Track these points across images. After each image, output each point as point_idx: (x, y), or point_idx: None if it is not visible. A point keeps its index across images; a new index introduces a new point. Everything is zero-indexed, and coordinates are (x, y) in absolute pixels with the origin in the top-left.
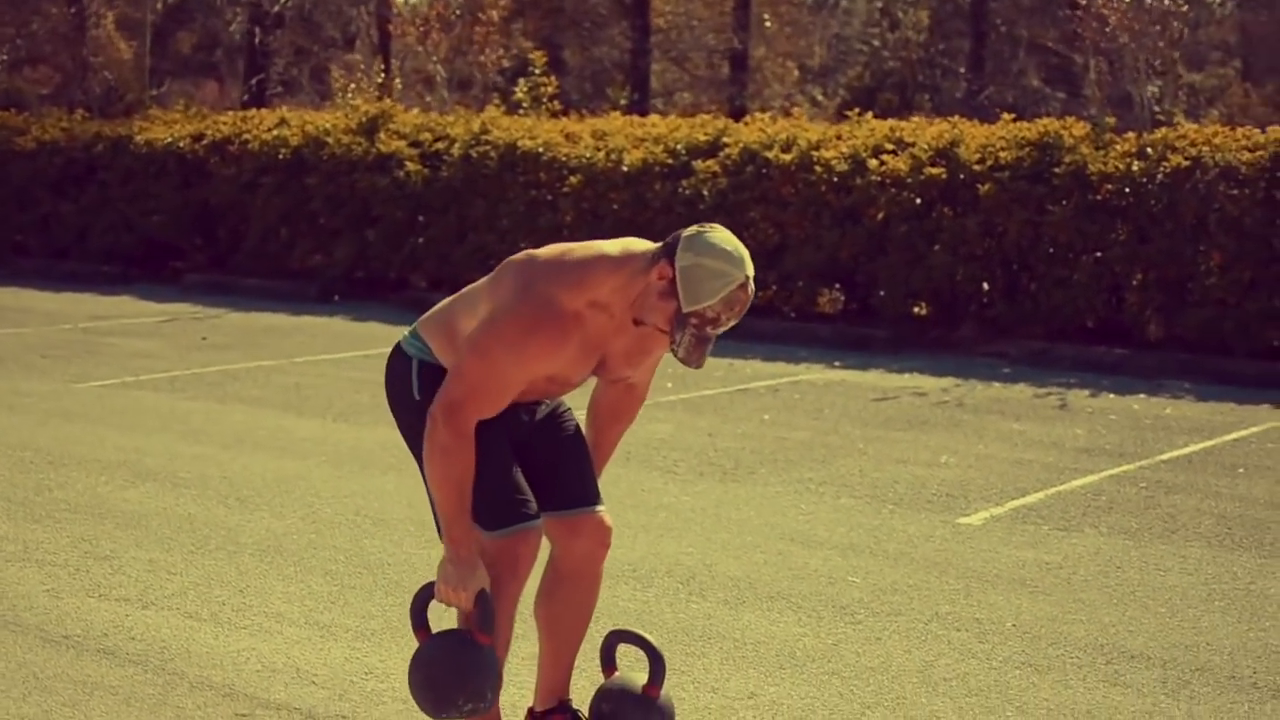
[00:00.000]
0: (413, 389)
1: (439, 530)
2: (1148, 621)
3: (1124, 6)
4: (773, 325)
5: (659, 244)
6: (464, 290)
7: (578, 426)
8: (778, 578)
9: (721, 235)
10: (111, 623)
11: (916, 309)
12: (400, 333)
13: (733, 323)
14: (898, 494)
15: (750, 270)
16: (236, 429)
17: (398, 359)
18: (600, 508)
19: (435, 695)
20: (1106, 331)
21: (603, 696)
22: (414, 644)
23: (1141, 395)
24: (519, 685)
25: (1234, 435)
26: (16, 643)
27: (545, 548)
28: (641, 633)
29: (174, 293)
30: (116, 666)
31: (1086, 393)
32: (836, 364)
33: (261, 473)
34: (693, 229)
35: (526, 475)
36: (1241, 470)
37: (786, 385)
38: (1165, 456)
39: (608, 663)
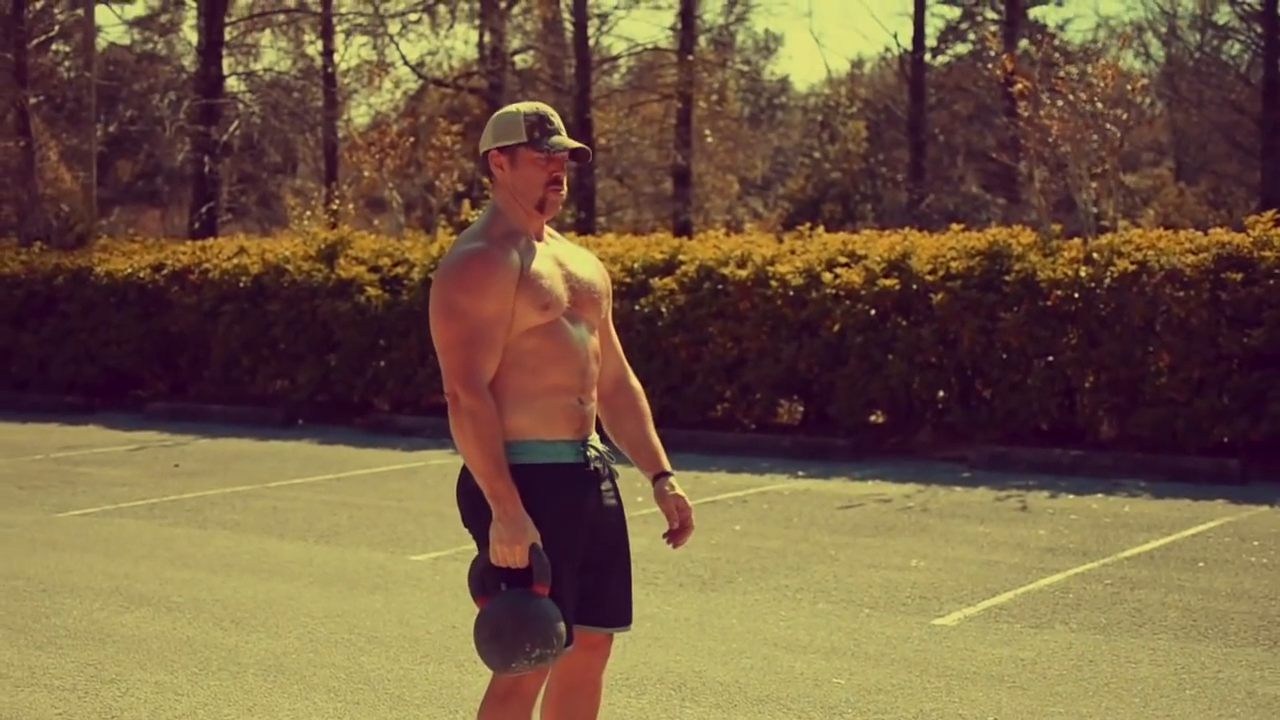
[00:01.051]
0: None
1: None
2: (1123, 712)
3: (1065, 116)
4: (734, 438)
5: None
6: None
7: (628, 548)
8: (765, 682)
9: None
10: None
11: (874, 417)
12: (368, 455)
13: (555, 118)
14: (873, 598)
15: (527, 104)
16: (222, 553)
17: (466, 477)
18: (618, 631)
19: (503, 646)
20: (1061, 433)
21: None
22: None
23: (1099, 494)
24: None
25: (1192, 530)
26: None
27: None
28: None
29: (139, 421)
30: None
31: (1046, 494)
32: (800, 473)
33: (253, 595)
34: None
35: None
36: (1201, 564)
37: (754, 496)
38: (1127, 553)
39: None
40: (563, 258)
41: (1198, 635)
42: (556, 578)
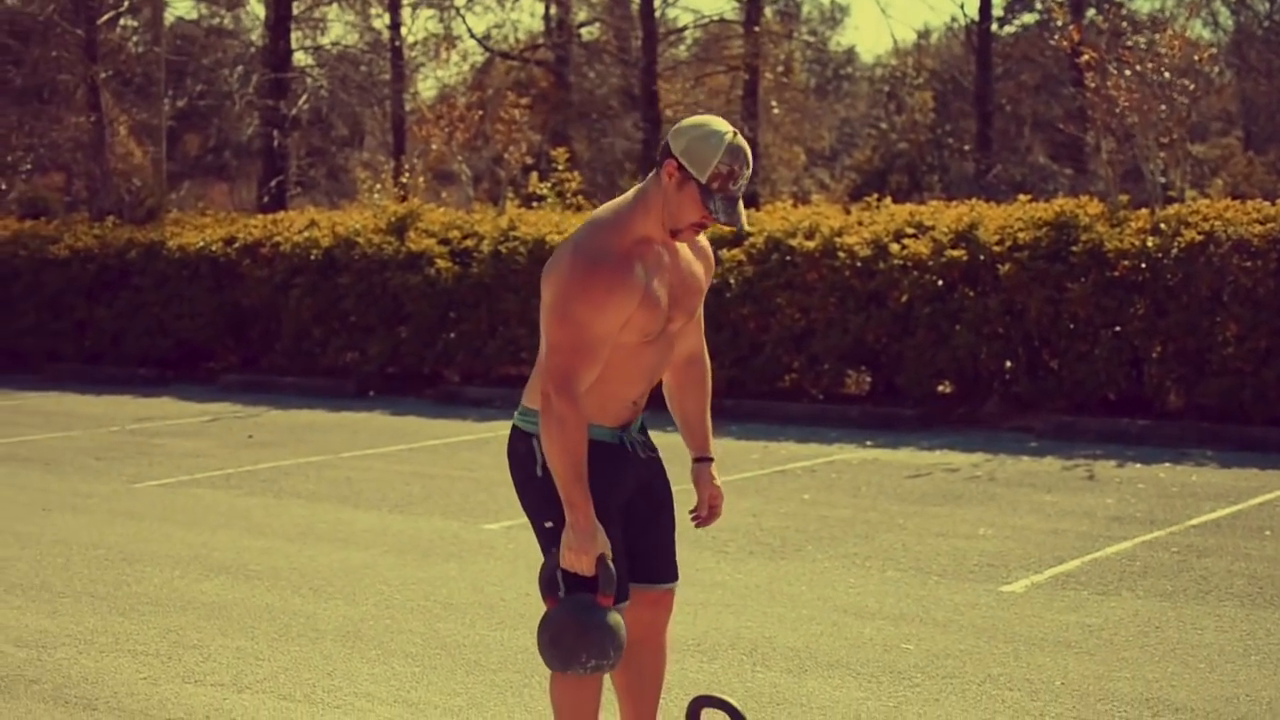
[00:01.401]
0: (536, 466)
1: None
2: (1189, 677)
3: (1132, 87)
4: (802, 408)
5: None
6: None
7: (671, 499)
8: (835, 647)
9: (694, 117)
10: (211, 706)
11: (941, 387)
12: (439, 425)
13: (747, 173)
14: (941, 565)
15: (729, 126)
16: (297, 522)
17: (518, 440)
18: (674, 585)
19: (561, 652)
20: (1128, 403)
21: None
22: (505, 717)
23: (1166, 464)
24: None
25: (1259, 500)
26: None
27: None
28: (724, 696)
29: (212, 393)
30: None
31: (1113, 463)
32: (868, 443)
33: (329, 563)
34: (670, 131)
35: (625, 536)
36: (1268, 533)
37: (822, 465)
38: (1194, 522)
39: None
40: (679, 263)
41: (1264, 603)
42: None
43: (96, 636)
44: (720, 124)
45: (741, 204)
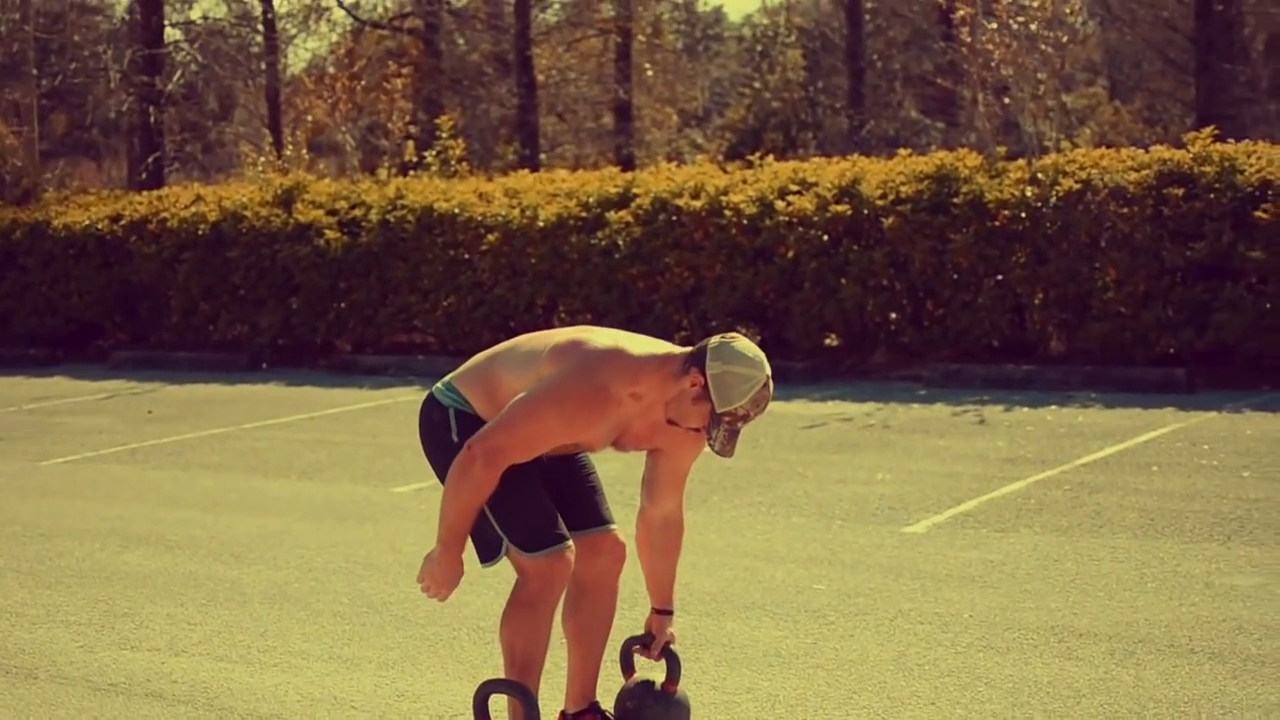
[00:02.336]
0: (451, 433)
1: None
2: (1089, 604)
3: (1005, 40)
4: None
5: (688, 349)
6: (498, 351)
7: (588, 458)
8: (750, 590)
9: (743, 344)
10: (150, 669)
11: (830, 340)
12: (337, 394)
13: (757, 416)
14: (843, 510)
15: (769, 370)
16: (209, 493)
17: (434, 408)
18: (614, 527)
19: None
20: (1012, 350)
21: (626, 695)
22: (438, 669)
23: (1053, 407)
24: (552, 691)
25: (1144, 437)
26: (70, 694)
27: None
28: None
29: (104, 370)
30: (169, 706)
31: (1001, 408)
32: None
33: (246, 530)
34: (717, 339)
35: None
36: (1155, 468)
37: None
38: (1083, 460)
39: (627, 666)
40: (649, 423)
41: (1155, 533)
42: (533, 496)
43: (26, 609)
44: (759, 368)
45: (739, 437)
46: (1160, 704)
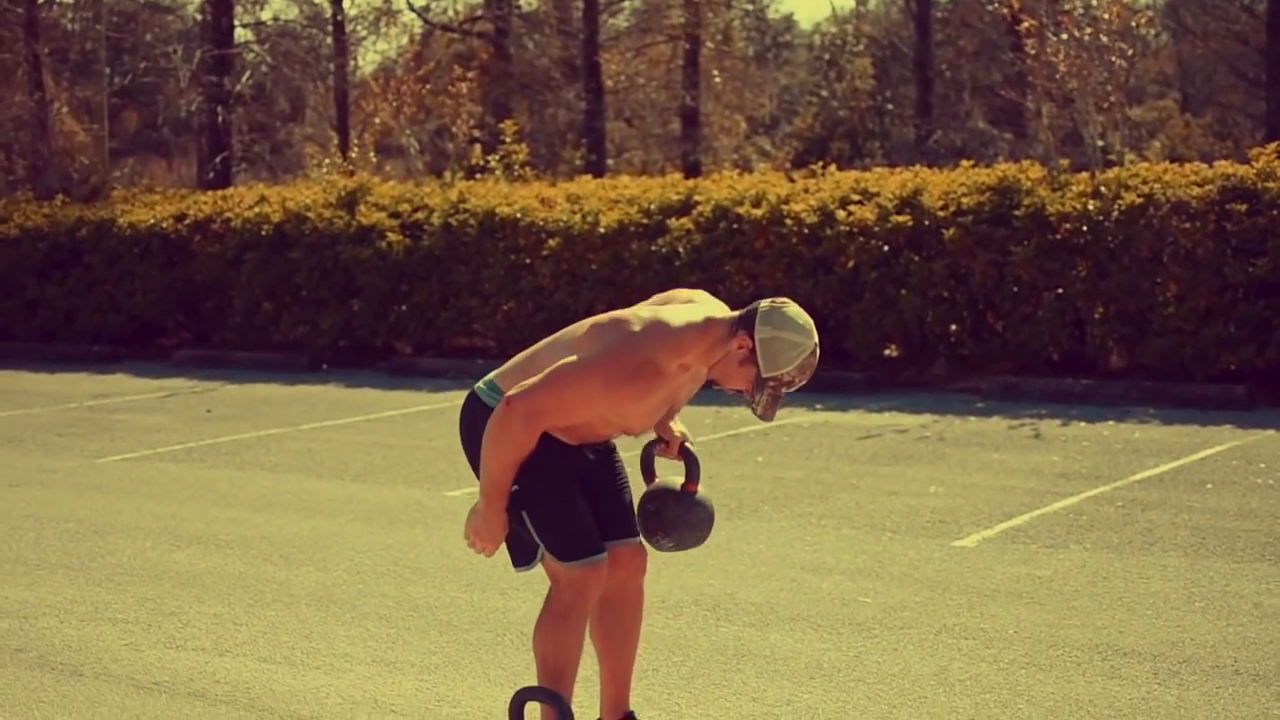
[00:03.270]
0: None
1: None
2: (1136, 623)
3: (1071, 51)
4: None
5: (736, 313)
6: (537, 347)
7: (623, 467)
8: (795, 601)
9: (794, 310)
10: (195, 669)
11: (889, 351)
12: (395, 397)
13: (802, 383)
14: (894, 522)
15: (817, 338)
16: (263, 493)
17: (477, 408)
18: (637, 540)
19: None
20: (1072, 364)
21: (647, 499)
22: (480, 674)
23: (1110, 422)
24: (583, 706)
25: (1200, 455)
26: (113, 691)
27: None
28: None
29: (166, 369)
30: (210, 706)
31: (1058, 422)
32: (818, 406)
33: (297, 532)
34: (767, 303)
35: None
36: (1209, 486)
37: (774, 429)
38: (1138, 477)
39: (648, 473)
40: (683, 387)
41: (1206, 553)
42: (571, 505)
43: (76, 606)
44: (806, 334)
45: (781, 402)
46: None
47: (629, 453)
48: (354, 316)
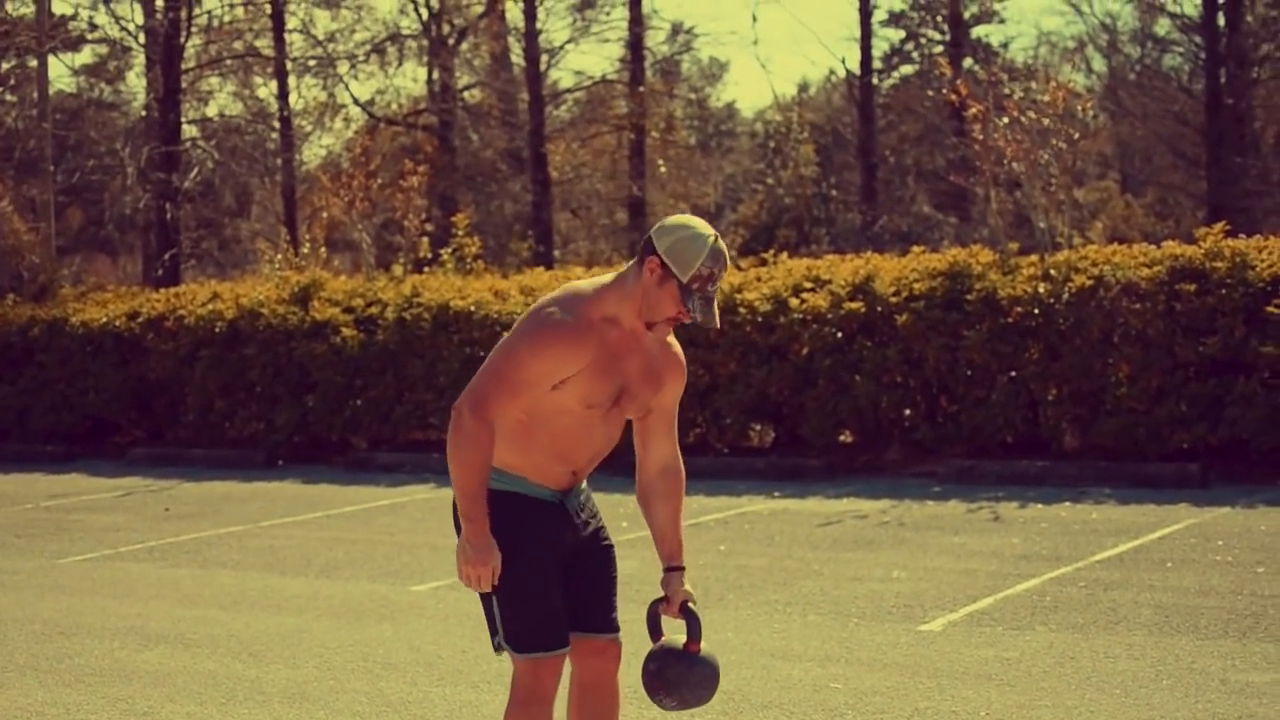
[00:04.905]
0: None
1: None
2: (1105, 703)
3: (1017, 137)
4: (708, 462)
5: (633, 260)
6: None
7: (613, 553)
8: (766, 689)
9: (678, 216)
10: None
11: (844, 437)
12: (353, 492)
13: (722, 276)
14: (859, 608)
15: (713, 230)
16: (228, 591)
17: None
18: (617, 635)
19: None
20: (1026, 445)
21: (650, 658)
22: None
23: (1067, 503)
24: None
25: (1158, 533)
26: None
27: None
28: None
29: (121, 467)
30: None
31: (1015, 504)
32: (776, 494)
33: (265, 629)
34: (655, 226)
35: (564, 590)
36: (1170, 564)
37: (734, 517)
38: (1098, 557)
39: (654, 630)
40: (644, 355)
41: (1171, 630)
42: (540, 594)
43: (47, 709)
44: (703, 226)
45: (715, 303)
46: None
47: (623, 539)
48: (309, 412)
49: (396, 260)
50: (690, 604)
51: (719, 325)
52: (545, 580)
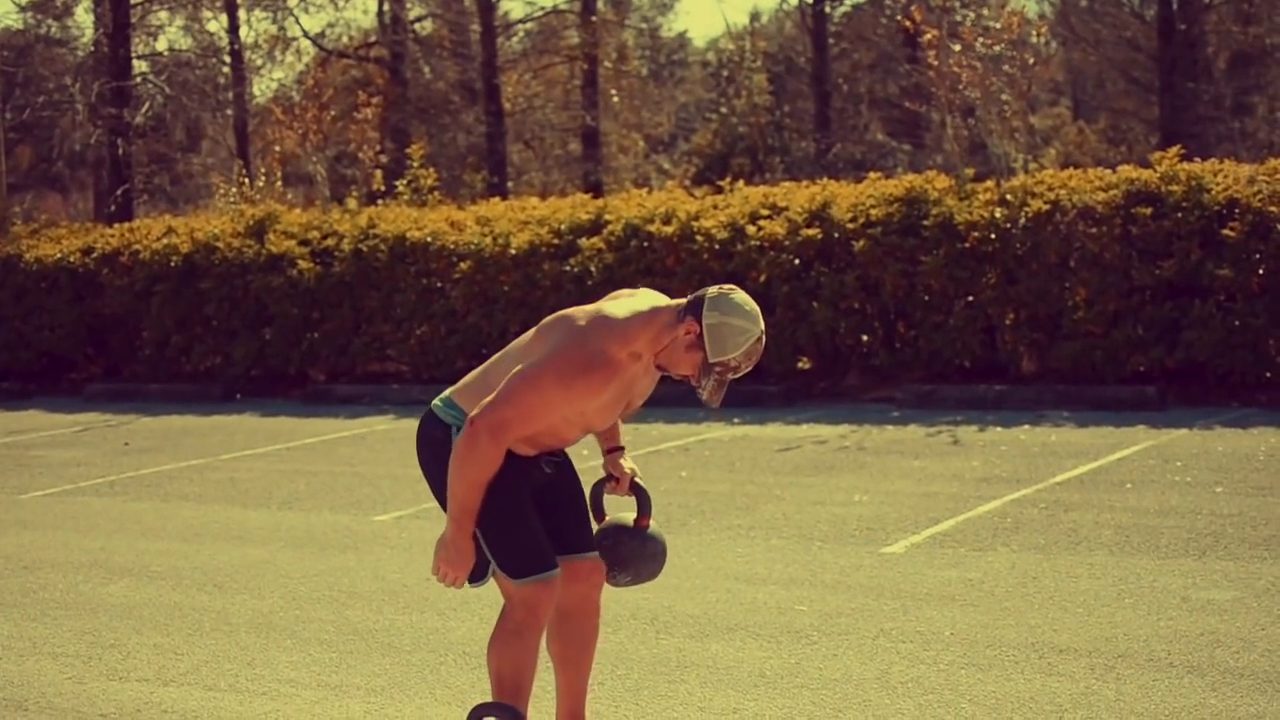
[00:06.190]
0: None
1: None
2: (1069, 620)
3: (972, 63)
4: (666, 389)
5: (682, 300)
6: (491, 362)
7: (578, 481)
8: (733, 612)
9: (741, 296)
10: (141, 699)
11: (802, 363)
12: (312, 424)
13: (748, 369)
14: (822, 532)
15: (763, 325)
16: (190, 524)
17: (434, 426)
18: (593, 554)
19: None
20: (984, 370)
21: (601, 534)
22: (426, 694)
23: (1025, 426)
24: (539, 715)
25: (1117, 455)
26: None
27: None
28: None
29: (78, 403)
30: None
31: (974, 428)
32: (736, 420)
33: (229, 560)
34: (715, 289)
35: (542, 520)
36: (1129, 485)
37: (695, 444)
38: (1058, 479)
39: (597, 511)
40: (638, 380)
41: (1131, 550)
42: (523, 521)
43: (13, 642)
44: (755, 322)
45: (726, 388)
46: (1141, 717)
47: (585, 466)
48: (266, 345)
49: (351, 193)
50: (638, 479)
51: (718, 407)
52: (526, 508)
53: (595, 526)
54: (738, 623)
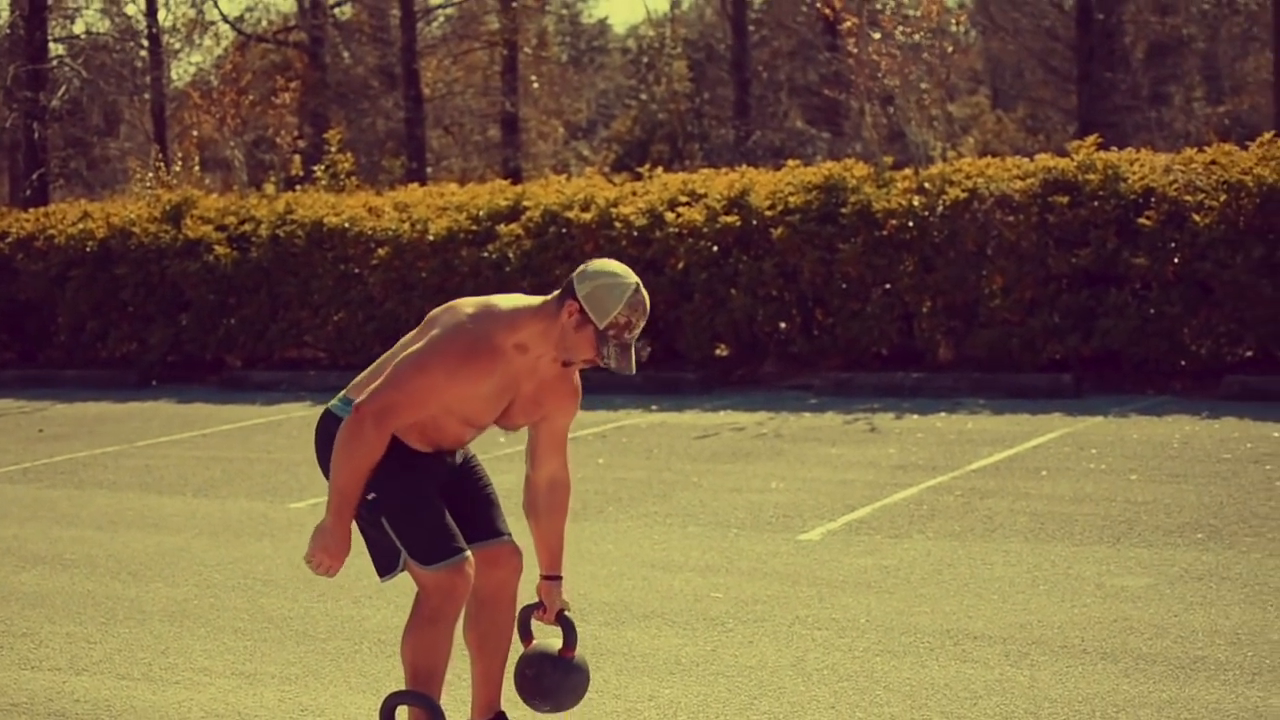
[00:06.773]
0: None
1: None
2: (983, 608)
3: (891, 51)
4: (585, 375)
5: (556, 292)
6: (385, 357)
7: (484, 471)
8: (648, 599)
9: (602, 260)
10: (52, 689)
11: (720, 350)
12: (228, 410)
13: (641, 324)
14: (739, 519)
15: (636, 278)
16: (104, 511)
17: (332, 423)
18: (509, 538)
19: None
20: (901, 358)
21: (524, 663)
22: (341, 683)
23: (942, 414)
24: (458, 702)
25: (1033, 443)
26: None
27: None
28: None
29: None
30: None
31: (891, 415)
32: (654, 407)
33: (143, 548)
34: (580, 268)
35: (450, 514)
36: (1044, 473)
37: (612, 430)
38: (974, 466)
39: (525, 634)
40: (534, 384)
41: (1046, 537)
42: (429, 507)
43: None
44: (625, 275)
45: (634, 349)
46: (1055, 703)
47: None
48: (183, 331)
49: (269, 178)
50: (566, 612)
51: (635, 372)
52: (432, 495)
53: (523, 648)
54: (653, 610)
